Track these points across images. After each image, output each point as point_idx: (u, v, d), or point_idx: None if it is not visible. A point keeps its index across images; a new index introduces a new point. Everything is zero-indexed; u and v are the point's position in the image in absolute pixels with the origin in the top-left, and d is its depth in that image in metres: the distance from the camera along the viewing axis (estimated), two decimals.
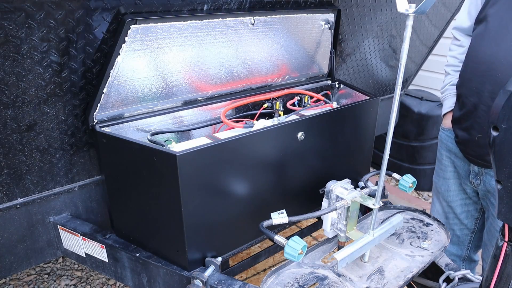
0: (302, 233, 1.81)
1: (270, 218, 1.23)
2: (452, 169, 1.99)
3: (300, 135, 1.49)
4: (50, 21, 1.15)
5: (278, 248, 1.68)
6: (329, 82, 2.09)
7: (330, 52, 1.99)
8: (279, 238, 1.17)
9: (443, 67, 2.05)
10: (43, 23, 1.14)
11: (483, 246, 1.97)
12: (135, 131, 1.48)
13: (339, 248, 1.44)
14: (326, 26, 1.89)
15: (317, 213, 1.30)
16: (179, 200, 1.21)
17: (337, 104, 1.94)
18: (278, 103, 1.79)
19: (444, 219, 2.10)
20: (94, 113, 1.37)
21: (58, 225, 1.53)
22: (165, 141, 1.37)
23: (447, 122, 1.97)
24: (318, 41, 1.93)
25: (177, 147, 1.34)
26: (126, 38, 1.29)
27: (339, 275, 1.33)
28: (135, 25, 1.29)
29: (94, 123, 1.39)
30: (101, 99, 1.36)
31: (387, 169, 1.29)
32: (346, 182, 1.42)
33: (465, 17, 1.85)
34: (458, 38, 1.93)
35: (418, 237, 1.54)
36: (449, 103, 1.96)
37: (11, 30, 1.10)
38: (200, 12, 1.44)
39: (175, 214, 1.25)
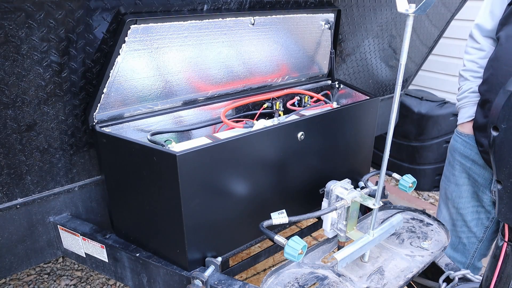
0: (302, 233, 1.81)
1: (270, 218, 1.23)
2: (466, 176, 1.92)
3: (300, 135, 1.49)
4: (50, 21, 1.15)
5: (278, 248, 1.68)
6: (329, 82, 2.09)
7: (330, 52, 1.99)
8: (279, 238, 1.17)
9: (459, 70, 1.93)
10: (43, 23, 1.14)
11: None
12: (135, 131, 1.48)
13: (339, 248, 1.44)
14: (326, 26, 1.89)
15: (317, 213, 1.30)
16: (179, 200, 1.21)
17: (337, 104, 1.94)
18: (278, 103, 1.79)
19: (451, 226, 2.04)
20: (94, 113, 1.37)
21: (58, 225, 1.53)
22: (165, 141, 1.37)
23: (466, 129, 1.87)
24: (318, 41, 1.93)
25: (177, 147, 1.34)
26: (126, 38, 1.29)
27: (339, 275, 1.34)
28: (135, 25, 1.29)
29: (94, 123, 1.39)
30: (101, 99, 1.36)
31: (387, 169, 1.29)
32: (346, 182, 1.42)
33: (487, 17, 1.73)
34: (478, 41, 1.80)
35: (418, 237, 1.54)
36: (469, 112, 1.85)
37: (11, 30, 1.10)
38: (200, 12, 1.44)
39: (175, 214, 1.25)
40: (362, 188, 1.67)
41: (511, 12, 1.60)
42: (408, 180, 1.48)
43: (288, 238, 1.16)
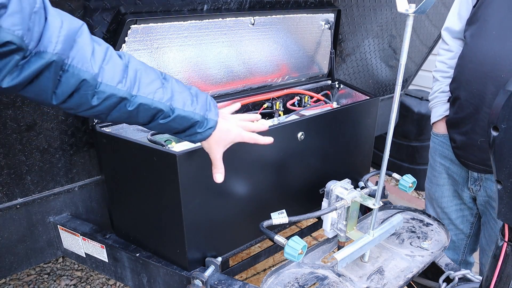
0: (302, 233, 1.81)
1: (270, 218, 1.23)
2: (445, 176, 1.97)
3: (300, 135, 1.49)
4: None
5: (278, 248, 1.68)
6: (329, 82, 2.09)
7: (330, 52, 1.99)
8: (279, 238, 1.17)
9: (432, 72, 2.00)
10: None
11: (482, 251, 1.95)
12: (135, 131, 1.48)
13: (339, 248, 1.44)
14: (326, 26, 1.89)
15: (317, 213, 1.30)
16: (179, 200, 1.21)
17: (337, 104, 1.94)
18: (278, 103, 1.79)
19: None
20: None
21: (58, 225, 1.53)
22: (165, 141, 1.37)
23: (440, 129, 1.94)
24: (318, 41, 1.93)
25: (177, 147, 1.34)
26: (126, 38, 1.29)
27: (339, 275, 1.33)
28: (135, 25, 1.29)
29: (94, 123, 1.39)
30: None
31: (387, 169, 1.29)
32: (346, 182, 1.42)
33: (455, 19, 1.81)
34: (447, 42, 1.88)
35: (418, 237, 1.54)
36: (439, 111, 1.92)
37: None
38: (200, 12, 1.44)
39: (175, 214, 1.25)
40: (362, 188, 1.67)
41: (475, 13, 1.66)
42: (408, 180, 1.48)
43: (288, 238, 1.16)
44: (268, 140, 1.23)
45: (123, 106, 0.94)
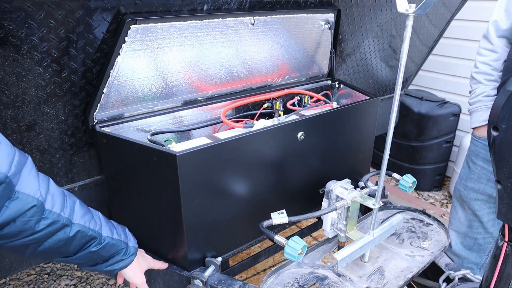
0: (302, 233, 1.81)
1: (270, 218, 1.23)
2: (486, 180, 1.92)
3: (300, 135, 1.49)
4: (50, 21, 1.15)
5: (278, 248, 1.68)
6: (329, 82, 2.09)
7: (330, 52, 1.99)
8: (279, 238, 1.17)
9: (471, 72, 1.92)
10: (43, 23, 1.14)
11: None
12: (135, 131, 1.48)
13: (339, 248, 1.44)
14: (326, 26, 1.89)
15: (317, 213, 1.30)
16: (179, 200, 1.21)
17: (337, 104, 1.94)
18: (278, 103, 1.79)
19: (467, 228, 2.05)
20: (94, 113, 1.37)
21: None
22: (165, 141, 1.37)
23: (484, 132, 1.87)
24: (318, 41, 1.93)
25: (177, 147, 1.34)
26: (126, 38, 1.29)
27: (339, 275, 1.34)
28: (135, 25, 1.29)
29: (94, 123, 1.39)
30: (101, 99, 1.36)
31: (387, 169, 1.29)
32: (346, 182, 1.42)
33: (502, 16, 1.71)
34: (492, 42, 1.78)
35: (418, 237, 1.54)
36: (484, 116, 1.85)
37: (11, 30, 1.10)
38: (200, 12, 1.44)
39: (175, 214, 1.25)
40: (362, 188, 1.67)
41: None
42: (408, 180, 1.48)
43: (288, 238, 1.16)
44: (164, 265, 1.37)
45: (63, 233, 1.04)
